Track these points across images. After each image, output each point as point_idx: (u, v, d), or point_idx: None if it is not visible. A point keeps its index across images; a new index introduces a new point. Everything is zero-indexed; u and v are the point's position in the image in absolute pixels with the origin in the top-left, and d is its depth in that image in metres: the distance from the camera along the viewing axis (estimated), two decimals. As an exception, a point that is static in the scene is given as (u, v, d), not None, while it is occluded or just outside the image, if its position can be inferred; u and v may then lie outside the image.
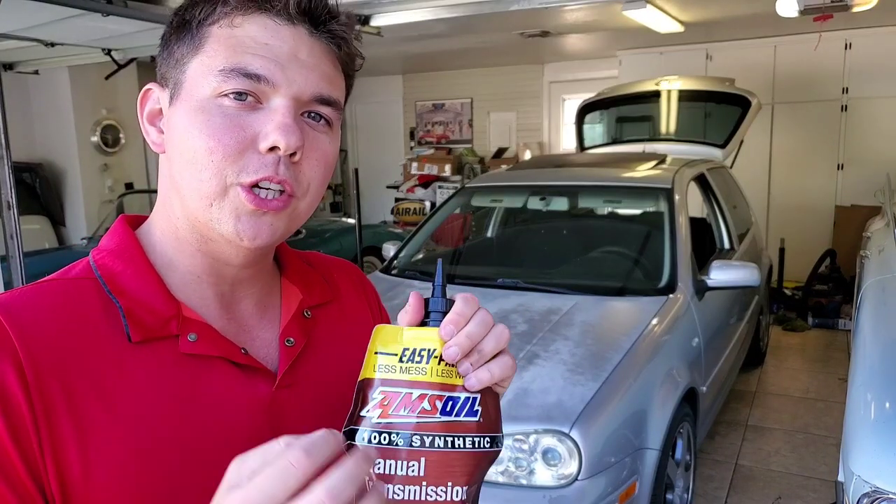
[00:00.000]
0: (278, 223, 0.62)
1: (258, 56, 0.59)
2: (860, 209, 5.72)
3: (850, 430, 1.76)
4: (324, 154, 0.64)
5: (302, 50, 0.61)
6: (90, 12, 3.26)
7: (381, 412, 0.53)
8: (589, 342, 2.46)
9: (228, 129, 0.59)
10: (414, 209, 7.89)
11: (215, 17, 0.60)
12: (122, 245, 0.65)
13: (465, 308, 0.56)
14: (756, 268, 3.03)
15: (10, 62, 5.47)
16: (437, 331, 0.54)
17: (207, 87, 0.59)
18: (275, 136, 0.58)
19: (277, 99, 0.60)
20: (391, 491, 0.51)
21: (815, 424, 3.71)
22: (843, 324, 5.34)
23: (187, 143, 0.59)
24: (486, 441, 0.55)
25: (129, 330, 0.59)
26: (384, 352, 0.54)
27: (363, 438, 0.52)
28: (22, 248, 2.75)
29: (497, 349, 0.57)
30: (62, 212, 6.75)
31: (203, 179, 0.59)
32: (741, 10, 5.16)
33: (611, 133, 5.28)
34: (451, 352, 0.54)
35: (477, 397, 0.55)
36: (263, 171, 0.59)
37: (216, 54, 0.60)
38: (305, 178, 0.62)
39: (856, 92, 6.08)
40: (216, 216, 0.60)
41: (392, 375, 0.53)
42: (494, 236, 4.12)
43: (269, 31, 0.60)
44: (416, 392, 0.53)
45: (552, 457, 2.00)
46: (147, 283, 0.62)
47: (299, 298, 0.73)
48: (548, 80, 8.28)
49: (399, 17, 3.76)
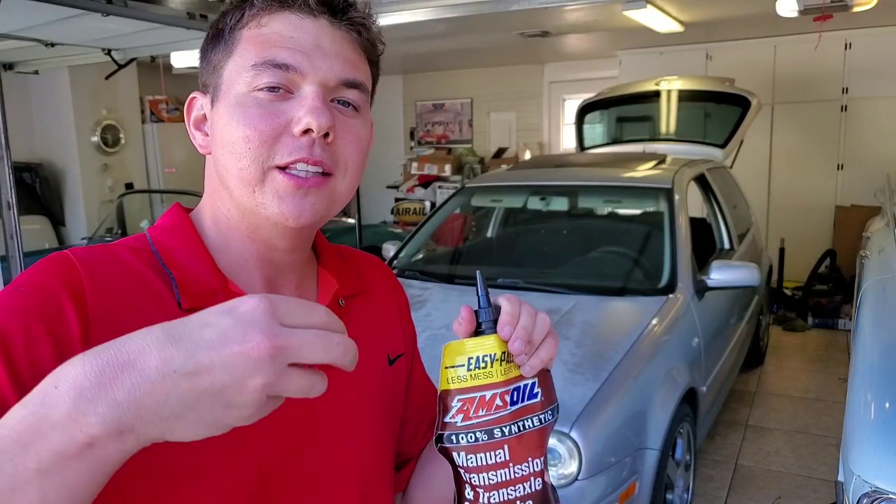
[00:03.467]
0: (320, 202, 0.66)
1: (285, 48, 0.64)
2: (860, 209, 5.71)
3: (849, 430, 1.76)
4: (357, 135, 0.68)
5: (324, 39, 0.66)
6: (90, 12, 3.25)
7: (462, 416, 0.61)
8: (589, 342, 2.46)
9: (263, 117, 0.63)
10: (414, 209, 7.89)
11: (244, 21, 0.66)
12: (177, 225, 0.70)
13: (513, 307, 0.63)
14: (756, 268, 3.03)
15: (10, 62, 5.46)
16: (493, 337, 0.62)
17: (242, 83, 0.64)
18: (307, 118, 0.63)
19: (306, 86, 0.64)
20: (485, 478, 0.61)
21: (814, 424, 3.71)
22: (843, 324, 5.34)
23: (228, 135, 0.64)
24: (548, 414, 0.64)
25: (180, 297, 0.64)
26: (453, 365, 0.62)
27: (452, 440, 0.62)
28: (22, 248, 2.75)
29: (544, 333, 0.64)
30: (62, 212, 6.75)
31: (243, 167, 0.64)
32: (741, 10, 5.16)
33: (611, 133, 5.27)
34: (517, 345, 0.61)
35: (535, 381, 0.63)
36: (298, 153, 0.63)
37: (247, 53, 0.65)
38: (342, 157, 0.67)
39: (856, 92, 6.08)
40: (260, 201, 0.65)
41: (465, 384, 0.61)
42: (494, 236, 4.12)
43: (293, 26, 0.65)
44: (488, 394, 0.61)
45: (552, 457, 2.00)
46: (198, 259, 0.68)
47: (335, 288, 0.76)
48: (548, 80, 8.28)
49: (399, 17, 3.76)
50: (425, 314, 2.71)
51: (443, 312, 2.73)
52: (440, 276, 3.30)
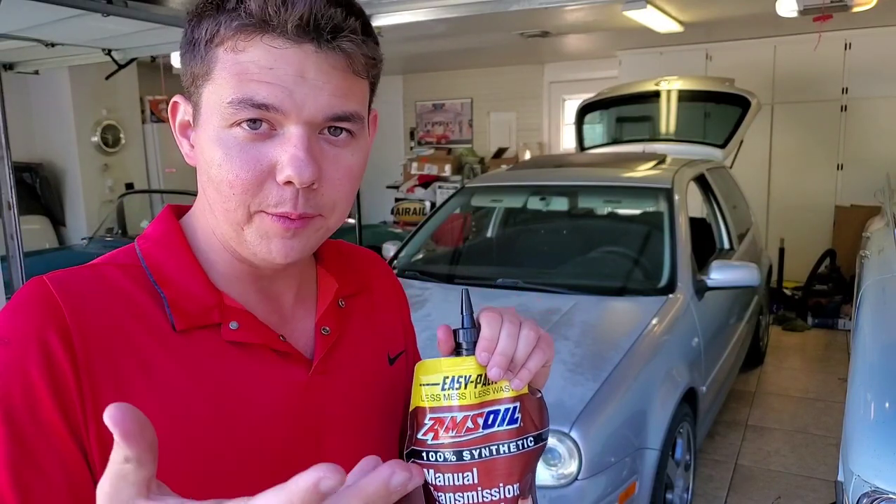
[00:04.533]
0: (309, 240, 0.64)
1: (263, 83, 0.57)
2: (860, 209, 5.71)
3: (849, 430, 1.76)
4: (347, 170, 0.63)
5: (309, 70, 0.58)
6: (90, 12, 3.25)
7: (433, 435, 0.61)
8: (589, 342, 2.46)
9: (245, 163, 0.59)
10: (414, 209, 7.89)
11: (219, 39, 0.59)
12: (167, 235, 0.67)
13: (492, 330, 0.61)
14: (756, 268, 3.03)
15: (10, 62, 5.46)
16: (471, 359, 0.61)
17: (220, 117, 0.59)
18: (288, 170, 0.58)
19: (290, 126, 0.59)
20: (452, 498, 0.60)
21: (814, 424, 3.71)
22: (843, 324, 5.34)
23: (210, 172, 0.61)
24: (528, 441, 0.62)
25: (174, 319, 0.62)
26: (427, 383, 0.62)
27: (421, 457, 0.61)
28: (22, 248, 2.75)
29: (529, 350, 0.62)
30: (62, 212, 6.75)
31: (230, 209, 0.61)
32: (741, 10, 5.16)
33: (611, 133, 5.27)
34: (494, 373, 0.60)
35: (517, 405, 0.62)
36: (283, 205, 0.60)
37: (225, 83, 0.58)
38: (329, 200, 0.62)
39: (856, 92, 6.08)
40: (248, 239, 0.62)
41: (437, 403, 0.61)
42: (494, 236, 4.12)
43: (272, 56, 0.57)
44: (459, 415, 0.60)
45: (552, 456, 2.00)
46: (190, 274, 0.65)
47: (335, 288, 0.75)
48: (548, 80, 8.28)
49: (399, 17, 3.76)
50: (425, 314, 2.71)
51: (443, 312, 2.73)
52: (440, 276, 3.30)
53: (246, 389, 0.64)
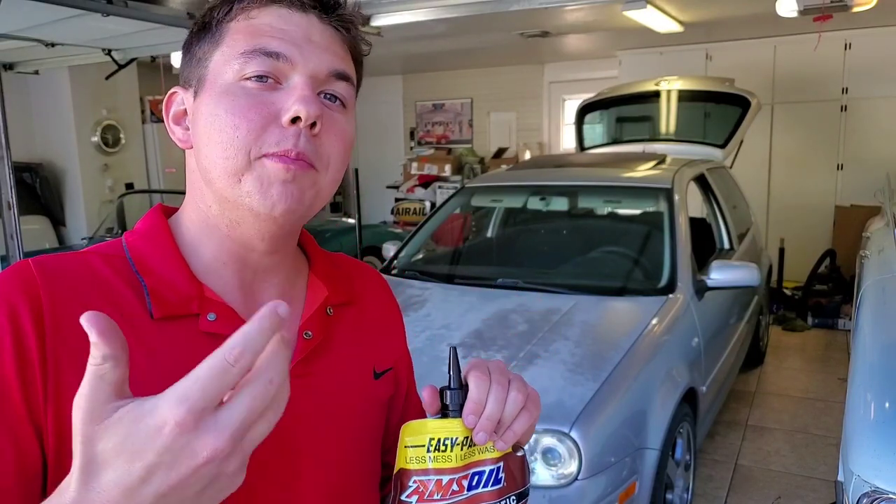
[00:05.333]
0: (305, 190, 0.65)
1: (275, 38, 0.64)
2: (860, 209, 5.71)
3: (849, 430, 1.76)
4: (341, 131, 0.67)
5: (314, 33, 0.66)
6: (90, 12, 3.26)
7: (417, 497, 0.61)
8: (589, 342, 2.46)
9: (252, 106, 0.63)
10: (414, 209, 7.89)
11: (233, 14, 0.66)
12: (153, 229, 0.69)
13: (479, 393, 0.62)
14: (756, 268, 3.03)
15: (10, 62, 5.46)
16: (457, 421, 0.62)
17: (230, 71, 0.64)
18: (296, 106, 0.62)
19: (296, 76, 0.64)
20: None
21: (814, 424, 3.71)
22: (843, 324, 5.34)
23: (214, 124, 0.63)
24: (511, 500, 0.64)
25: (152, 307, 0.63)
26: (413, 444, 0.62)
27: None
28: (22, 248, 2.75)
29: (516, 412, 0.63)
30: (62, 212, 6.75)
31: (229, 157, 0.63)
32: (741, 10, 5.16)
33: (611, 133, 5.27)
34: (481, 438, 0.61)
35: (500, 465, 0.63)
36: (284, 143, 0.62)
37: (236, 42, 0.64)
38: (325, 151, 0.66)
39: (855, 92, 6.08)
40: (245, 189, 0.63)
41: (422, 465, 0.61)
42: (494, 236, 4.13)
43: (283, 19, 0.65)
44: (445, 478, 0.61)
45: (552, 456, 2.00)
46: (172, 265, 0.66)
47: (324, 295, 0.75)
48: (548, 80, 8.28)
49: (399, 17, 3.76)
50: (425, 314, 2.71)
51: (443, 312, 2.73)
52: (440, 276, 3.30)
53: None
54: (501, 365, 0.66)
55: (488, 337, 2.51)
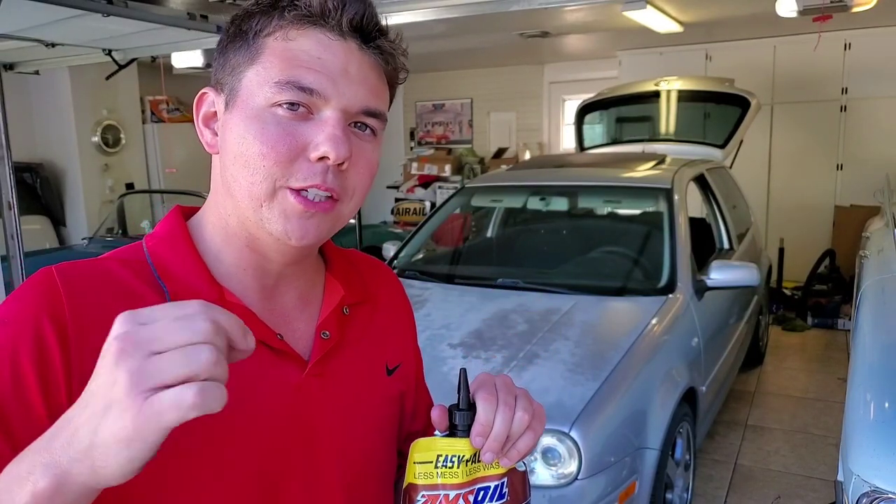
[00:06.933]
0: (324, 225, 0.66)
1: (311, 70, 0.63)
2: (859, 209, 5.72)
3: (849, 430, 1.76)
4: (368, 162, 0.68)
5: (352, 64, 0.64)
6: (90, 12, 3.26)
7: None
8: (589, 342, 2.46)
9: (281, 137, 0.62)
10: (414, 209, 7.89)
11: (271, 30, 0.64)
12: (173, 234, 0.70)
13: (487, 415, 0.64)
14: (755, 268, 3.03)
15: (10, 62, 5.45)
16: (464, 441, 0.64)
17: (262, 97, 0.63)
18: (325, 146, 0.62)
19: (328, 111, 0.63)
20: None
21: (814, 424, 3.71)
22: (843, 324, 5.34)
23: (241, 147, 0.63)
24: None
25: None
26: (421, 461, 0.65)
27: None
28: (22, 248, 2.75)
29: (522, 431, 0.65)
30: (63, 212, 6.75)
31: (255, 182, 0.63)
32: (741, 10, 5.16)
33: (610, 133, 5.28)
34: (488, 458, 0.64)
35: (504, 480, 0.66)
36: (312, 178, 0.63)
37: (271, 66, 0.63)
38: (351, 184, 0.66)
39: (855, 92, 6.08)
40: (266, 216, 0.64)
41: (430, 481, 0.64)
42: (494, 236, 4.13)
43: (322, 46, 0.63)
44: (452, 493, 0.64)
45: (552, 456, 2.00)
46: (192, 270, 0.67)
47: (341, 294, 0.76)
48: (548, 80, 8.28)
49: (399, 17, 3.76)
50: (425, 314, 2.71)
51: (443, 312, 2.74)
52: (440, 276, 3.30)
53: (239, 384, 0.64)
54: (508, 381, 0.68)
55: (488, 337, 2.51)
